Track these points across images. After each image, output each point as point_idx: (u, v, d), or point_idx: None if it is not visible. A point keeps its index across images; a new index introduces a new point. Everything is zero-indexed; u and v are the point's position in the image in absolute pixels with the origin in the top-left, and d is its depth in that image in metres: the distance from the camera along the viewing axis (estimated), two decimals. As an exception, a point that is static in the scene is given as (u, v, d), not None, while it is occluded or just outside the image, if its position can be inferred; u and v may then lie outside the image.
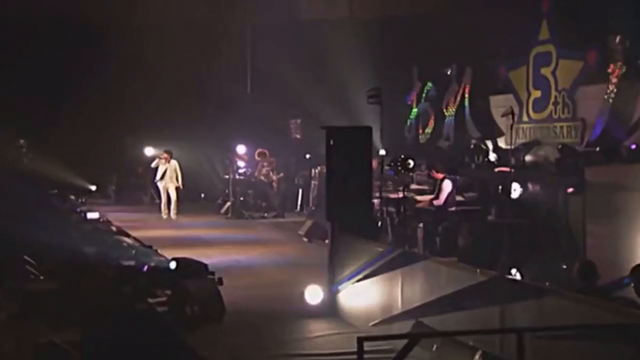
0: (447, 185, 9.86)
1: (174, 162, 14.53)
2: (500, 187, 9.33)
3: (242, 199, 15.87)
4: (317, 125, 8.20)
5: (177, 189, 14.56)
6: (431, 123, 14.67)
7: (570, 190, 8.55)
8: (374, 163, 9.00)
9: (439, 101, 14.30)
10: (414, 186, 11.34)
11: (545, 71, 11.07)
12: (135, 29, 17.04)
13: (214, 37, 17.87)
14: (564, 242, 8.61)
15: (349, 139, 7.61)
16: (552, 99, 10.92)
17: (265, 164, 16.11)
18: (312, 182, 16.20)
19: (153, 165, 14.73)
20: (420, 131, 15.10)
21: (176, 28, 17.09)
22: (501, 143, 11.79)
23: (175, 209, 14.49)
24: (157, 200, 18.08)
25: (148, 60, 16.96)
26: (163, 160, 14.56)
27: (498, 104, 12.12)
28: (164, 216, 14.52)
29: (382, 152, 10.62)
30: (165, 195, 14.53)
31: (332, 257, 7.31)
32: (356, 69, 15.11)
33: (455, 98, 13.60)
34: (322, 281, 7.24)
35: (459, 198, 10.30)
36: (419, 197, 10.44)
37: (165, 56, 16.98)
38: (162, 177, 14.55)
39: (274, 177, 15.92)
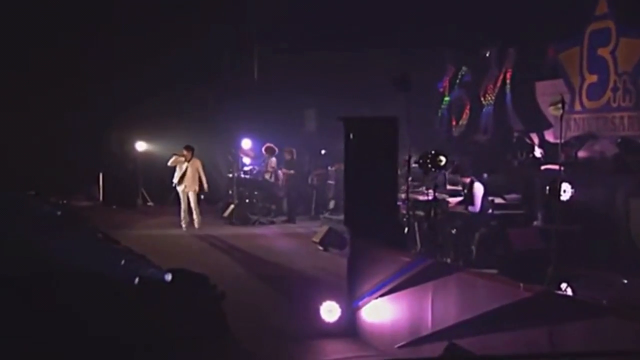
0: (479, 189, 9.82)
1: (196, 162, 13.90)
2: (547, 187, 9.24)
3: (247, 201, 15.90)
4: (334, 116, 8.18)
5: (197, 193, 13.88)
6: (466, 113, 14.62)
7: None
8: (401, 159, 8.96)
9: (476, 88, 14.24)
10: (446, 186, 11.29)
11: (603, 52, 10.94)
12: (124, 3, 17.11)
13: (214, 13, 17.90)
14: (623, 252, 8.51)
15: (372, 132, 7.59)
16: (611, 85, 10.79)
17: (272, 160, 16.08)
18: (328, 181, 16.23)
19: (170, 163, 14.09)
20: (454, 123, 15.06)
21: (170, 3, 17.15)
22: (549, 136, 11.70)
23: (198, 217, 13.95)
24: (150, 202, 18.32)
25: (139, 42, 17.03)
26: (182, 159, 13.84)
27: (545, 90, 12.02)
28: (184, 226, 13.92)
29: (410, 147, 10.57)
30: (186, 201, 13.92)
31: (352, 268, 7.30)
32: (380, 51, 15.10)
33: (495, 84, 13.52)
34: (340, 296, 7.22)
35: (498, 200, 10.24)
36: (451, 200, 10.40)
37: (158, 37, 17.04)
38: (181, 179, 13.87)
39: (282, 173, 15.80)
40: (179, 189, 13.88)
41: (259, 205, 15.95)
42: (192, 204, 13.92)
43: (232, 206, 15.33)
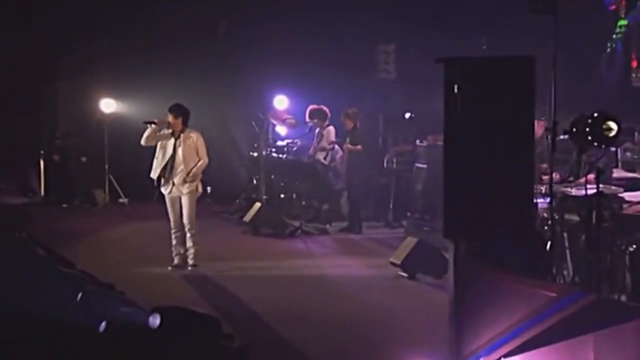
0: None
1: (192, 136, 12.38)
2: None
3: (282, 196, 16.01)
4: (428, 56, 8.16)
5: (192, 193, 12.29)
6: (655, 49, 14.46)
7: None
8: (538, 127, 8.92)
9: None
10: (617, 173, 11.17)
11: None
12: None
13: None
14: None
15: (492, 82, 7.55)
16: None
17: (330, 129, 16.07)
18: (417, 165, 16.21)
19: (143, 141, 12.31)
20: (634, 64, 14.90)
21: None
22: None
23: (195, 244, 12.45)
24: (123, 199, 18.62)
25: None
26: (166, 130, 12.30)
27: None
28: (176, 261, 12.48)
29: (555, 106, 10.50)
30: (177, 211, 12.39)
31: (457, 308, 7.31)
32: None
33: None
34: (438, 352, 7.29)
35: None
36: (628, 195, 10.29)
37: None
38: (165, 172, 12.33)
39: (346, 148, 15.76)
40: (164, 190, 12.46)
41: (301, 204, 16.04)
42: (185, 218, 12.30)
43: (257, 205, 15.47)
